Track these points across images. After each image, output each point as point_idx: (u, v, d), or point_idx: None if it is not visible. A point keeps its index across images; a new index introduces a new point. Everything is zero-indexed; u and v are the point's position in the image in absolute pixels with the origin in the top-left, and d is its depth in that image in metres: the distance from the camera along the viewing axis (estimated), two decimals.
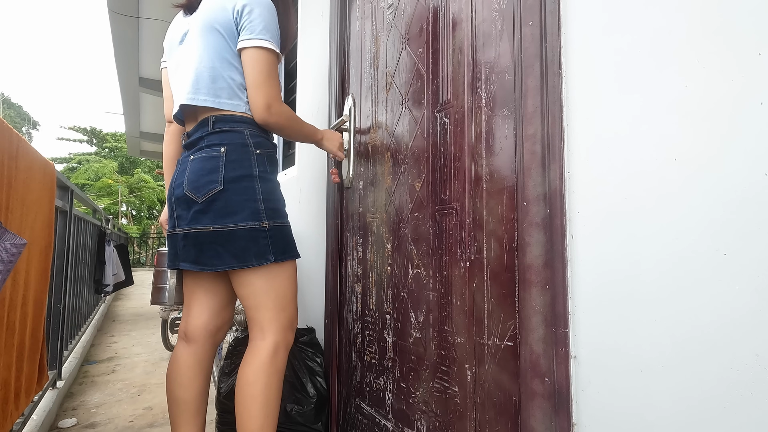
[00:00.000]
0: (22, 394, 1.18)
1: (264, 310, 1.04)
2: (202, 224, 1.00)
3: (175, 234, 1.07)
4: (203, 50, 1.05)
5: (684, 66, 0.52)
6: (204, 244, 1.01)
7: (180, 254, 1.07)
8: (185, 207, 1.04)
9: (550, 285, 0.66)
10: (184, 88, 1.08)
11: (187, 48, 1.09)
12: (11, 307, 1.07)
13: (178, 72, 1.11)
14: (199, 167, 1.02)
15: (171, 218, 1.09)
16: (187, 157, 1.08)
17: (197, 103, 1.05)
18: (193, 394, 1.09)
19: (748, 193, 0.46)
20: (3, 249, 0.73)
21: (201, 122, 1.06)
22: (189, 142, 1.09)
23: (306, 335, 1.47)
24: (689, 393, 0.50)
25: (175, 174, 1.09)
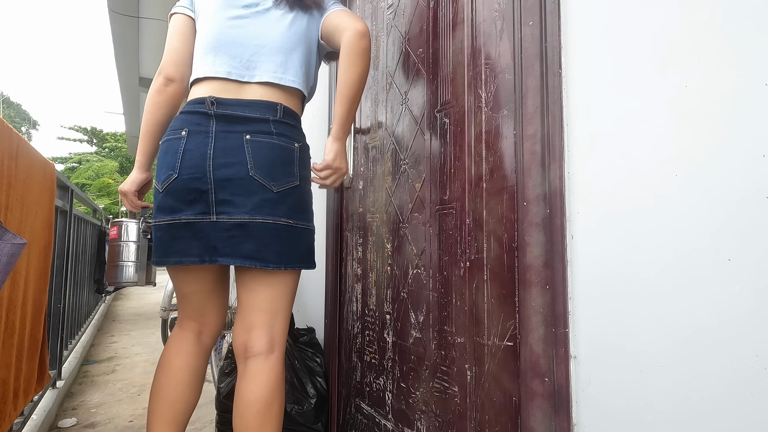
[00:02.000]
0: (21, 394, 1.18)
1: (279, 318, 0.96)
2: (276, 216, 0.90)
3: (206, 223, 0.90)
4: (296, 33, 1.01)
5: (683, 66, 0.52)
6: (272, 238, 0.90)
7: (221, 247, 0.89)
8: (242, 191, 0.89)
9: (550, 285, 0.66)
10: (266, 62, 0.97)
11: (269, 22, 1.00)
12: (10, 307, 1.07)
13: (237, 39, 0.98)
14: (271, 153, 0.91)
15: (192, 203, 0.90)
16: (233, 130, 0.91)
17: (287, 82, 0.98)
18: (196, 397, 1.02)
19: (747, 192, 0.46)
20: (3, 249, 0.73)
21: (263, 104, 0.94)
22: (237, 116, 0.92)
23: (306, 335, 1.47)
24: (689, 393, 0.50)
25: (209, 145, 0.91)
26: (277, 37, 0.99)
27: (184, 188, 0.90)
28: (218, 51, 0.98)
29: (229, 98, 0.95)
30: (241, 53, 0.97)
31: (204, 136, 0.92)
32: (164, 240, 0.93)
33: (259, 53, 0.98)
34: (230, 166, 0.90)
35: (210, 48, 0.99)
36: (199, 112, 0.94)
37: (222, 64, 0.97)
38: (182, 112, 0.97)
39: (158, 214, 0.94)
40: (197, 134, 0.92)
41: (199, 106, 0.94)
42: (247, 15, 1.00)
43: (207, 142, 0.91)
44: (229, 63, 0.97)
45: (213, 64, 0.97)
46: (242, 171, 0.89)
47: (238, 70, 0.97)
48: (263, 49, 0.98)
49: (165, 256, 0.94)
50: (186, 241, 0.91)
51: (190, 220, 0.90)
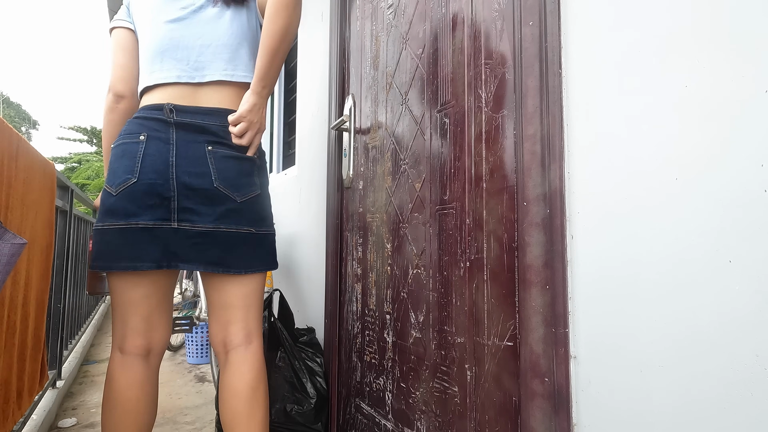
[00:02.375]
0: (25, 394, 1.18)
1: (253, 311, 1.01)
2: (240, 225, 0.95)
3: (166, 229, 0.90)
4: (241, 25, 1.01)
5: (685, 66, 0.52)
6: (236, 245, 0.94)
7: (183, 253, 0.92)
8: (206, 201, 0.92)
9: (550, 285, 0.66)
10: (215, 59, 0.97)
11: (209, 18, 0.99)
12: (12, 308, 1.07)
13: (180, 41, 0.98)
14: (233, 165, 0.95)
15: (155, 204, 0.90)
16: (196, 140, 0.92)
17: (237, 79, 0.99)
18: (155, 416, 0.99)
19: (748, 194, 0.46)
20: (3, 249, 0.73)
21: (222, 111, 0.96)
22: (197, 124, 0.93)
23: (306, 335, 1.47)
24: (689, 393, 0.50)
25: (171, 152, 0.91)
26: (221, 35, 0.98)
27: (144, 193, 0.90)
28: (164, 56, 0.98)
29: (187, 105, 0.95)
30: (187, 56, 0.97)
31: (164, 143, 0.92)
32: (113, 244, 0.90)
33: (205, 53, 0.98)
34: (194, 176, 0.91)
35: (155, 54, 0.98)
36: (157, 119, 0.94)
37: (170, 68, 0.97)
38: (137, 117, 0.96)
39: (108, 217, 0.91)
40: (156, 140, 0.92)
41: (156, 112, 0.94)
42: (185, 16, 0.99)
43: (168, 149, 0.92)
44: (176, 66, 0.97)
45: (161, 70, 0.97)
46: (207, 182, 0.92)
47: (187, 73, 0.97)
48: (209, 49, 0.98)
49: (114, 261, 0.90)
50: (141, 246, 0.90)
51: (148, 226, 0.90)
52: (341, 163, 1.44)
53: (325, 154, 1.60)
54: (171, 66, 0.97)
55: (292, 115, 2.29)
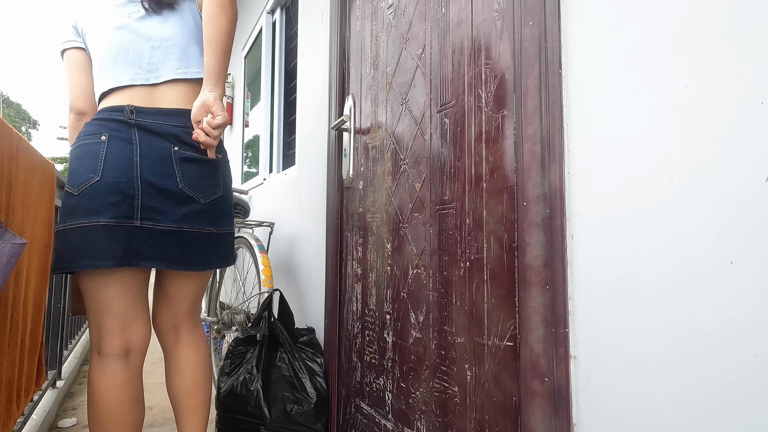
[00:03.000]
0: (23, 394, 1.18)
1: (198, 302, 1.12)
2: (201, 225, 0.98)
3: (129, 227, 0.90)
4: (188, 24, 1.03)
5: (685, 66, 0.52)
6: (197, 244, 0.98)
7: (145, 251, 0.91)
8: (170, 201, 0.93)
9: (550, 285, 0.66)
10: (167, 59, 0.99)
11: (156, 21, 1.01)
12: (14, 307, 1.07)
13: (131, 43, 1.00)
14: (199, 168, 0.98)
15: (118, 202, 0.90)
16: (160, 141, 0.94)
17: (192, 75, 1.01)
18: (142, 415, 1.00)
19: (748, 194, 0.46)
20: (3, 249, 0.73)
21: (183, 112, 0.98)
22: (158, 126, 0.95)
23: (306, 335, 1.47)
24: (689, 393, 0.50)
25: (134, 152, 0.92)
26: (169, 35, 1.01)
27: (107, 191, 0.90)
28: (115, 61, 0.99)
29: (147, 107, 0.97)
30: (138, 59, 0.99)
31: (127, 143, 0.93)
32: (74, 244, 0.89)
33: (155, 54, 1.00)
34: (159, 176, 0.93)
35: (107, 61, 1.00)
36: (117, 120, 0.94)
37: (122, 72, 0.98)
38: (97, 119, 0.96)
39: (69, 217, 0.91)
40: (118, 140, 0.93)
41: (116, 113, 0.95)
42: (130, 22, 1.01)
43: (131, 149, 0.93)
44: (129, 70, 0.99)
45: (113, 75, 0.99)
46: (171, 183, 0.94)
47: (141, 75, 0.98)
48: (159, 50, 1.00)
49: (75, 260, 0.89)
50: (102, 244, 0.89)
51: (110, 224, 0.89)
52: (341, 163, 1.44)
53: (325, 154, 1.60)
54: (123, 70, 0.99)
55: (292, 115, 2.29)
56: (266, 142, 2.65)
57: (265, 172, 2.62)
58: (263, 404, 1.26)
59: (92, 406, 0.94)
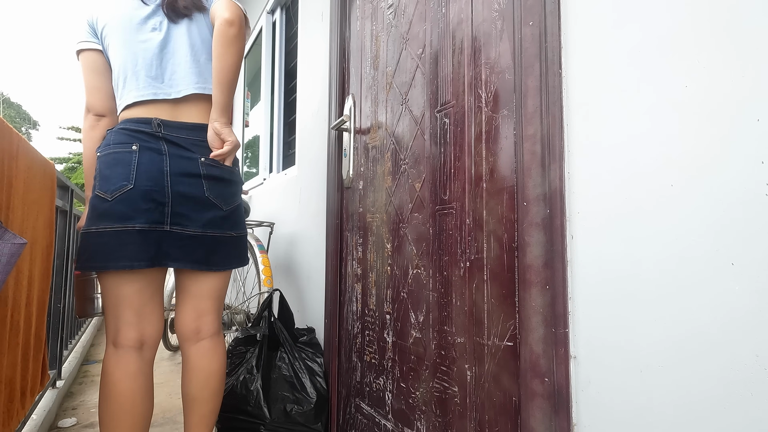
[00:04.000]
0: (28, 393, 1.18)
1: (220, 304, 1.14)
2: (224, 229, 1.07)
3: (160, 232, 0.99)
4: (204, 41, 1.08)
5: (684, 66, 0.52)
6: (219, 246, 1.06)
7: (173, 253, 1.00)
8: (197, 208, 1.02)
9: (550, 285, 0.66)
10: (184, 73, 1.05)
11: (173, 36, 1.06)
12: (15, 307, 1.07)
13: (150, 56, 1.05)
14: (222, 180, 1.07)
15: (150, 209, 0.97)
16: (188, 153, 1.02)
17: (209, 92, 1.07)
18: (152, 408, 1.05)
19: (748, 194, 0.46)
20: (3, 249, 0.73)
21: (206, 127, 1.05)
22: (184, 139, 1.03)
23: (306, 335, 1.47)
24: (689, 393, 0.50)
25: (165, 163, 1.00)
26: (188, 51, 1.06)
27: (141, 198, 0.97)
28: (138, 75, 1.04)
29: (172, 121, 1.04)
30: (161, 74, 1.05)
31: (157, 153, 1.00)
32: (109, 245, 0.96)
33: (177, 71, 1.06)
34: (188, 186, 1.01)
35: (131, 74, 1.05)
36: (146, 132, 1.01)
37: (146, 87, 1.04)
38: (124, 129, 1.01)
39: (102, 221, 0.97)
40: (149, 150, 1.00)
41: (144, 125, 1.01)
42: (155, 37, 1.06)
43: (162, 159, 1.00)
44: (152, 85, 1.04)
45: (137, 88, 1.04)
46: (199, 192, 1.02)
47: (163, 90, 1.05)
48: (180, 66, 1.06)
49: (112, 260, 0.96)
50: (136, 246, 0.96)
51: (144, 228, 0.97)
52: (341, 163, 1.44)
53: (325, 154, 1.60)
54: (146, 84, 1.04)
55: (292, 115, 2.29)
56: (266, 142, 2.65)
57: (265, 172, 2.62)
58: (263, 404, 1.26)
59: (105, 395, 0.98)
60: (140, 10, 1.07)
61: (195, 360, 1.09)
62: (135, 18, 1.06)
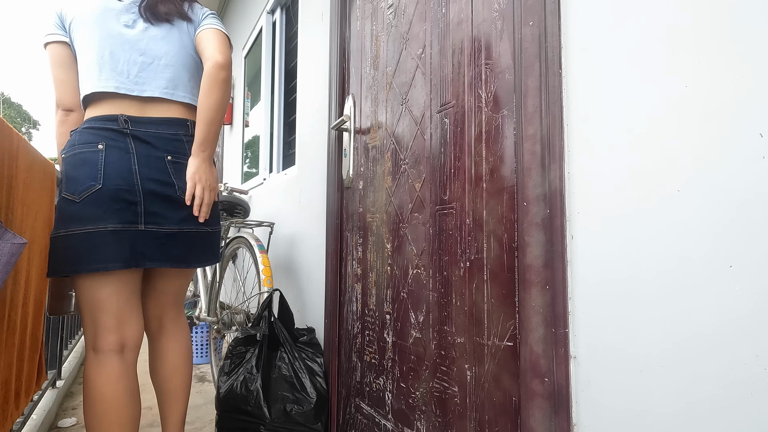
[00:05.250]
0: (23, 394, 1.18)
1: (183, 295, 1.20)
2: (199, 225, 1.06)
3: (134, 231, 0.96)
4: (180, 50, 1.08)
5: (684, 66, 0.52)
6: (195, 243, 1.06)
7: (149, 253, 0.98)
8: (170, 206, 1.01)
9: (550, 285, 0.66)
10: (155, 77, 1.04)
11: (150, 38, 1.05)
12: (12, 307, 1.07)
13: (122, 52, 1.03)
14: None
15: (122, 208, 0.95)
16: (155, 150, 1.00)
17: (177, 98, 1.06)
18: (139, 410, 1.02)
19: (748, 195, 0.46)
20: (3, 249, 0.73)
21: (178, 121, 1.06)
22: (153, 134, 1.01)
23: (306, 335, 1.47)
24: (689, 393, 0.50)
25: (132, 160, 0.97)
26: (162, 54, 1.05)
27: (111, 198, 0.94)
28: (102, 67, 1.02)
29: (139, 116, 1.02)
30: (128, 69, 1.03)
31: (124, 152, 0.98)
32: (82, 248, 0.93)
33: (146, 69, 1.04)
34: (158, 184, 1.00)
35: (93, 64, 1.02)
36: (112, 129, 0.99)
37: (108, 79, 1.01)
38: (90, 127, 0.99)
39: (71, 223, 0.94)
40: (115, 149, 0.97)
41: (110, 123, 0.99)
42: (126, 32, 1.04)
43: (129, 158, 0.98)
44: (115, 78, 1.01)
45: (99, 79, 1.01)
46: (170, 189, 1.01)
47: (126, 85, 1.02)
48: (150, 66, 1.04)
49: (84, 264, 0.93)
50: (110, 247, 0.93)
51: (117, 228, 0.94)
52: (341, 163, 1.44)
53: (325, 154, 1.60)
54: (108, 76, 1.01)
55: (292, 115, 2.29)
56: (266, 142, 2.65)
57: (265, 172, 2.62)
58: (263, 404, 1.26)
59: (89, 401, 0.96)
60: (113, 3, 1.05)
61: (159, 342, 1.14)
62: (106, 12, 1.04)
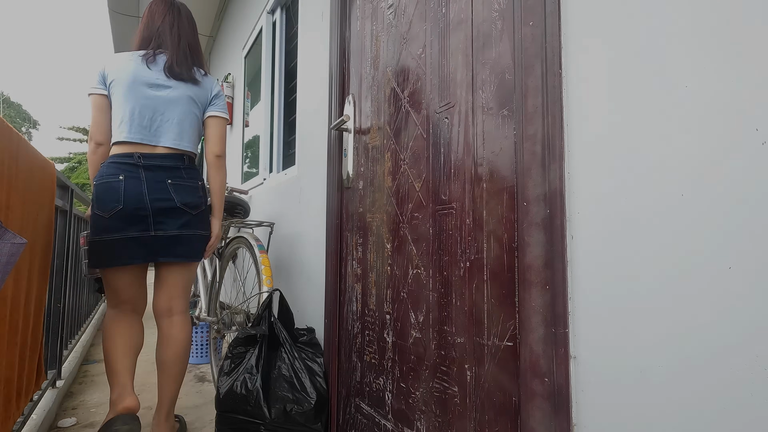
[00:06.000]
0: (23, 393, 1.18)
1: (188, 290, 1.51)
2: (195, 229, 1.42)
3: (148, 236, 1.35)
4: (188, 112, 1.45)
5: (684, 66, 0.52)
6: (193, 242, 1.42)
7: (162, 250, 1.38)
8: (172, 216, 1.37)
9: (550, 285, 0.66)
10: (167, 132, 1.41)
11: (168, 101, 1.42)
12: (14, 307, 1.07)
13: (146, 111, 1.39)
14: (187, 191, 1.41)
15: (139, 221, 1.33)
16: (159, 176, 1.37)
17: (183, 147, 1.43)
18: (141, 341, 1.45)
19: (748, 195, 0.46)
20: (3, 248, 0.73)
21: (176, 155, 1.42)
22: (158, 165, 1.38)
23: (306, 335, 1.47)
24: (689, 393, 0.50)
25: (143, 187, 1.35)
26: (175, 115, 1.42)
27: (130, 215, 1.32)
28: (132, 122, 1.38)
29: (150, 153, 1.39)
30: (150, 125, 1.39)
31: (137, 180, 1.35)
32: (113, 250, 1.32)
33: (163, 126, 1.41)
34: (162, 201, 1.36)
35: (126, 118, 1.38)
36: (129, 163, 1.35)
37: (136, 132, 1.38)
38: (114, 162, 1.35)
39: (104, 232, 1.32)
40: (132, 179, 1.34)
41: (128, 158, 1.36)
42: (153, 95, 1.40)
43: (140, 184, 1.34)
44: (140, 131, 1.38)
45: (129, 131, 1.38)
46: (171, 204, 1.37)
47: (147, 137, 1.39)
48: (165, 123, 1.41)
49: (116, 260, 1.33)
50: (132, 249, 1.34)
51: (135, 236, 1.33)
52: (341, 163, 1.44)
53: (325, 154, 1.60)
54: (136, 130, 1.38)
55: (292, 115, 2.29)
56: (266, 142, 2.65)
57: (265, 172, 2.62)
58: (263, 404, 1.26)
59: (108, 334, 1.38)
60: (144, 72, 1.40)
61: (167, 331, 1.45)
62: (137, 78, 1.39)
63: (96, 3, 58.24)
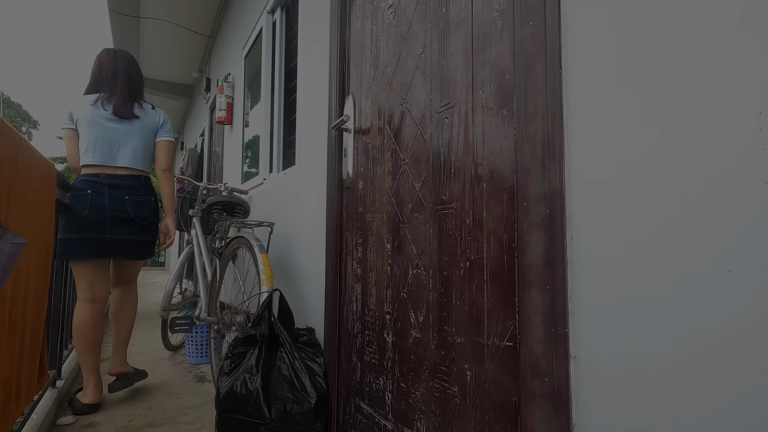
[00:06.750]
0: (23, 394, 1.18)
1: (136, 276, 2.04)
2: (142, 236, 1.88)
3: (104, 238, 1.76)
4: (139, 140, 1.90)
5: (684, 66, 0.52)
6: (139, 245, 1.88)
7: (113, 250, 1.79)
8: (126, 224, 1.81)
9: (550, 285, 0.66)
10: (123, 155, 1.85)
11: (123, 132, 1.86)
12: (13, 307, 1.07)
13: (106, 140, 1.83)
14: (140, 205, 1.85)
15: (98, 226, 1.75)
16: (119, 193, 1.81)
17: (137, 167, 1.87)
18: (102, 334, 1.84)
19: (748, 194, 0.46)
20: (3, 248, 0.73)
21: (133, 176, 1.86)
22: (119, 184, 1.82)
23: (306, 335, 1.46)
24: (689, 393, 0.50)
25: (105, 200, 1.77)
26: (128, 141, 1.87)
27: (93, 220, 1.74)
28: (95, 148, 1.82)
29: (113, 174, 1.83)
30: (109, 150, 1.84)
31: (101, 195, 1.78)
32: (76, 246, 1.72)
33: (120, 150, 1.85)
34: (119, 212, 1.80)
35: (91, 146, 1.82)
36: (95, 181, 1.78)
37: (98, 156, 1.82)
38: (84, 179, 1.78)
39: (71, 232, 1.72)
40: (97, 193, 1.77)
41: (95, 177, 1.79)
42: (110, 127, 1.85)
43: (103, 198, 1.77)
44: (101, 155, 1.82)
45: (93, 156, 1.81)
46: (126, 215, 1.81)
47: (107, 161, 1.82)
48: (122, 149, 1.86)
49: (77, 253, 1.72)
50: (91, 246, 1.74)
51: (95, 237, 1.75)
52: (341, 163, 1.44)
53: (325, 154, 1.60)
54: (99, 154, 1.82)
55: (292, 115, 2.29)
56: (266, 142, 2.65)
57: (265, 172, 2.62)
58: (263, 404, 1.26)
59: (74, 326, 1.78)
60: (101, 111, 1.84)
61: (118, 302, 1.96)
62: (96, 117, 1.83)
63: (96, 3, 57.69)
